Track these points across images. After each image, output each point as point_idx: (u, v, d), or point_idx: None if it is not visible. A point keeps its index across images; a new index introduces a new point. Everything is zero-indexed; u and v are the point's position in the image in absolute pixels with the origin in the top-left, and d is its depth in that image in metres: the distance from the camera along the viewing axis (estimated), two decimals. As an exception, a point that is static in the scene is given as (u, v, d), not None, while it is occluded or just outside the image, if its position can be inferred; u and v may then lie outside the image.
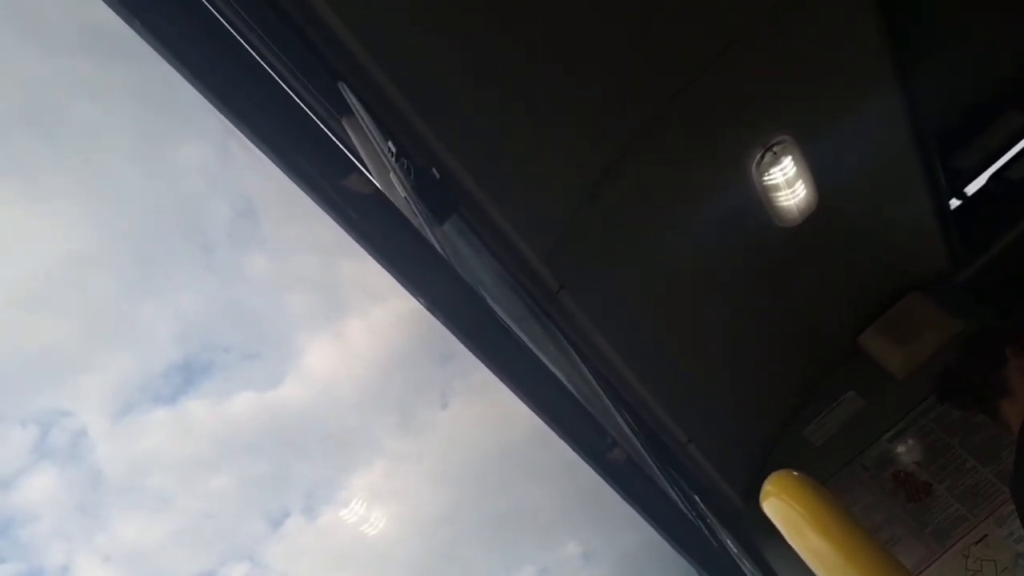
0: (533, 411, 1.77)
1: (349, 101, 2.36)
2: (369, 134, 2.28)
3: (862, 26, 3.47)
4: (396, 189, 2.29)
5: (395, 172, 2.22)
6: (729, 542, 3.63)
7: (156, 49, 1.21)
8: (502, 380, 1.74)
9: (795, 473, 1.63)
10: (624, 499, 2.06)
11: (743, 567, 3.12)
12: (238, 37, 1.91)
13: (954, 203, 5.15)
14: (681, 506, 2.71)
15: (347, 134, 2.54)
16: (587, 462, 1.90)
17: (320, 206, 1.38)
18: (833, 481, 4.48)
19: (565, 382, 2.04)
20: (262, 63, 1.80)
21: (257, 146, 1.26)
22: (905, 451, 4.46)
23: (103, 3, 1.17)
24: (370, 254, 1.47)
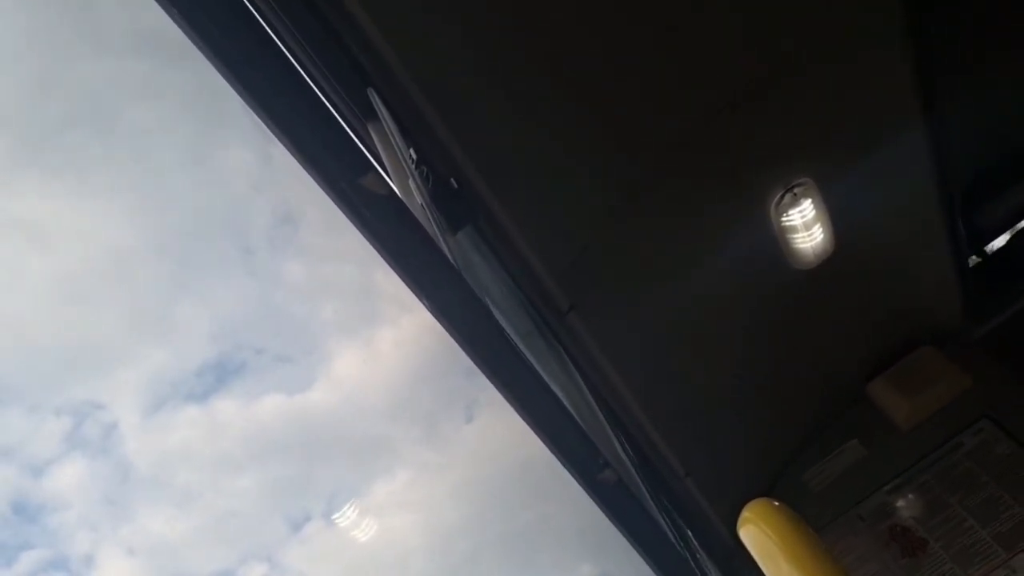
0: (526, 422, 1.78)
1: (376, 106, 2.40)
2: (392, 139, 2.32)
3: (890, 73, 3.48)
4: (414, 196, 2.32)
5: (414, 178, 2.25)
6: (717, 578, 3.61)
7: (193, 41, 1.25)
8: (498, 388, 1.76)
9: (775, 503, 1.64)
10: (610, 521, 2.06)
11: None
12: (273, 36, 1.96)
13: (974, 259, 5.12)
14: (671, 537, 2.70)
15: (371, 138, 2.58)
16: (576, 479, 1.91)
17: (334, 201, 1.41)
18: (829, 529, 4.45)
19: (563, 399, 2.06)
20: (291, 59, 1.84)
21: (277, 136, 1.30)
22: (904, 505, 4.42)
23: (155, 4, 1.22)
24: (379, 253, 1.50)
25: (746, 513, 1.63)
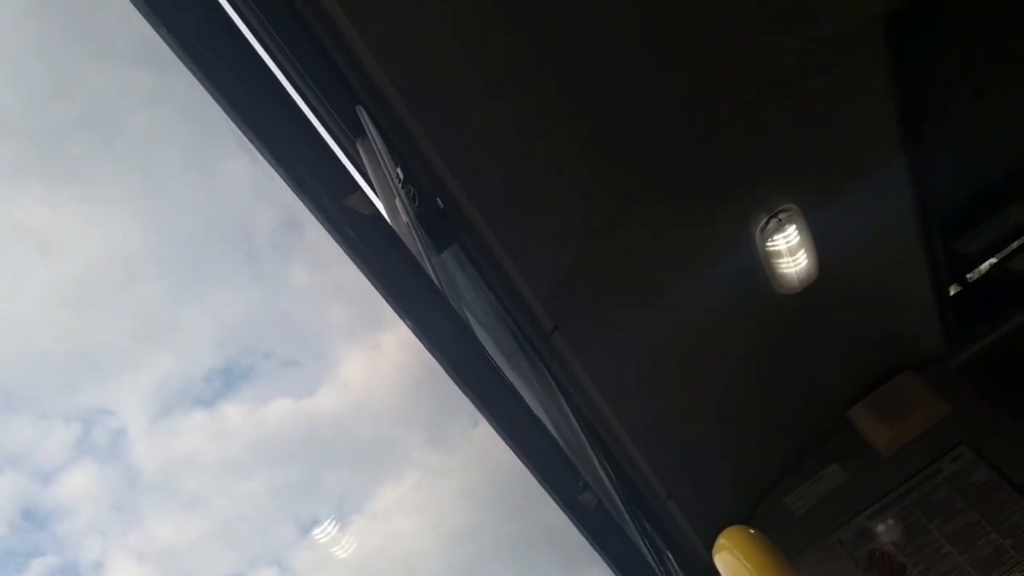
0: (505, 442, 1.78)
1: (364, 123, 2.41)
2: (380, 158, 2.33)
3: (873, 101, 3.54)
4: (400, 215, 2.33)
5: (400, 197, 2.26)
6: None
7: (178, 55, 1.26)
8: (477, 408, 1.76)
9: (750, 530, 1.64)
10: (590, 544, 2.06)
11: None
12: (261, 52, 1.97)
13: (955, 287, 5.17)
14: (650, 560, 2.70)
15: (359, 156, 2.59)
16: (555, 501, 1.91)
17: (319, 220, 1.42)
18: (808, 553, 4.45)
19: (544, 419, 2.06)
20: (279, 76, 1.85)
21: (262, 154, 1.30)
22: (883, 530, 4.44)
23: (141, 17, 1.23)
24: (362, 272, 1.50)
25: (722, 539, 1.64)
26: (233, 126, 1.27)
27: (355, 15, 2.26)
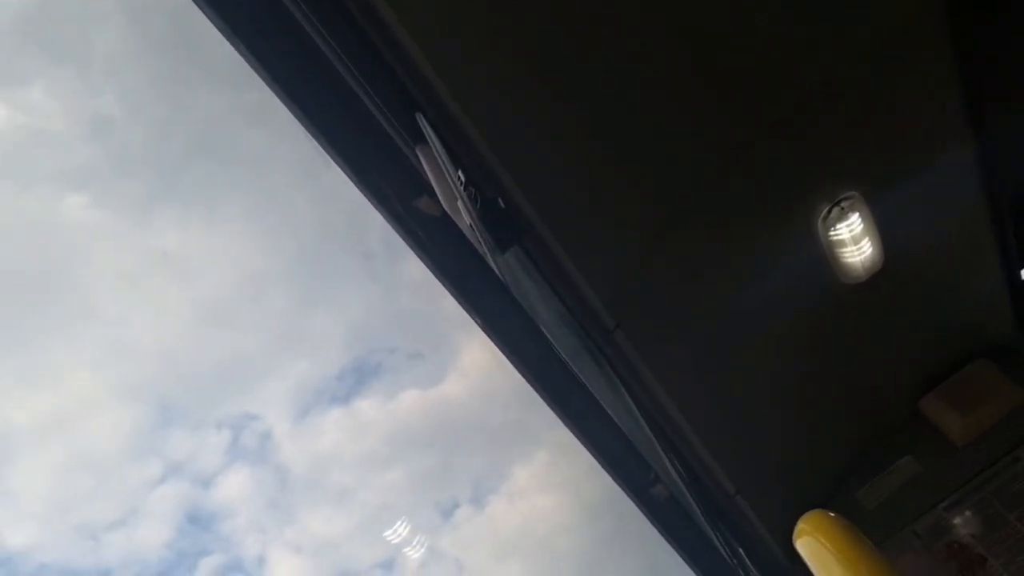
0: (576, 436, 1.81)
1: (424, 130, 2.46)
2: (441, 162, 2.38)
3: (939, 87, 3.47)
4: (463, 217, 2.37)
5: (463, 200, 2.30)
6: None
7: (257, 72, 1.32)
8: (547, 404, 1.79)
9: (831, 514, 1.63)
10: (663, 536, 2.07)
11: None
12: (333, 62, 2.03)
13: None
14: (723, 552, 2.70)
15: (420, 161, 2.64)
16: (628, 494, 1.93)
17: (390, 223, 1.46)
18: (884, 547, 4.34)
19: (612, 416, 2.08)
20: (349, 87, 1.90)
21: (337, 163, 1.35)
22: (961, 522, 4.34)
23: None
24: (432, 272, 1.54)
25: (802, 524, 1.63)
26: (308, 136, 1.32)
27: (410, 25, 2.32)
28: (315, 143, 1.37)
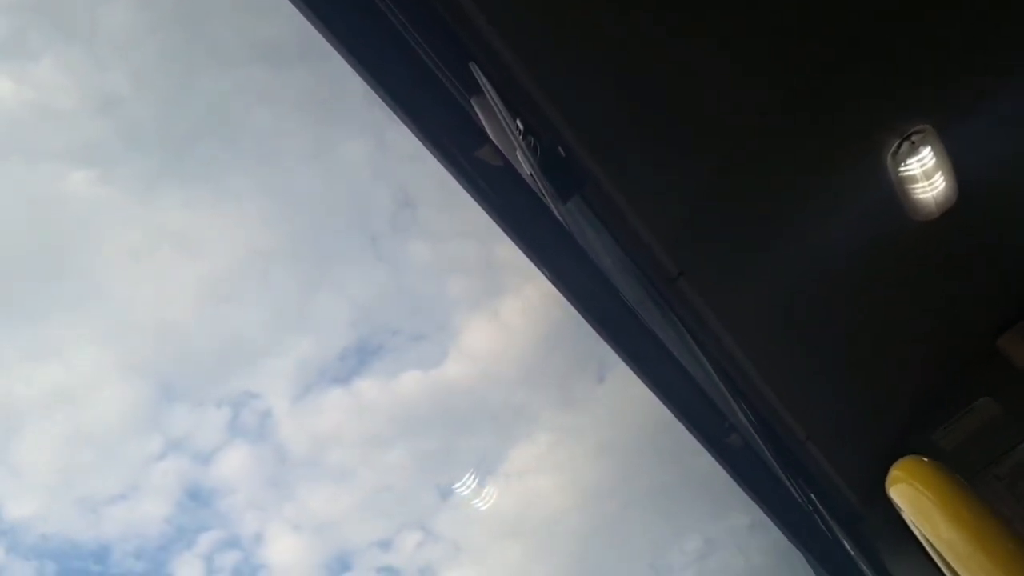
0: (648, 387, 1.77)
1: (479, 80, 2.41)
2: (498, 112, 2.33)
3: (1016, 11, 3.27)
4: (523, 167, 2.33)
5: (522, 150, 2.25)
6: (846, 542, 3.53)
7: (318, 29, 1.28)
8: (618, 354, 1.76)
9: (924, 459, 1.58)
10: (739, 484, 2.04)
11: (860, 567, 3.03)
12: (386, 14, 1.99)
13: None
14: (798, 499, 2.66)
15: (475, 112, 2.60)
16: (703, 444, 1.89)
17: (452, 175, 1.43)
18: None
19: (684, 364, 2.03)
20: (403, 39, 1.86)
21: (398, 116, 1.32)
22: (1043, 462, 4.21)
23: (280, 11, 1.26)
24: (497, 223, 1.51)
25: (896, 471, 1.58)
26: (370, 91, 1.29)
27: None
28: (371, 105, 1.34)
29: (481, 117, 2.57)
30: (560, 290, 1.64)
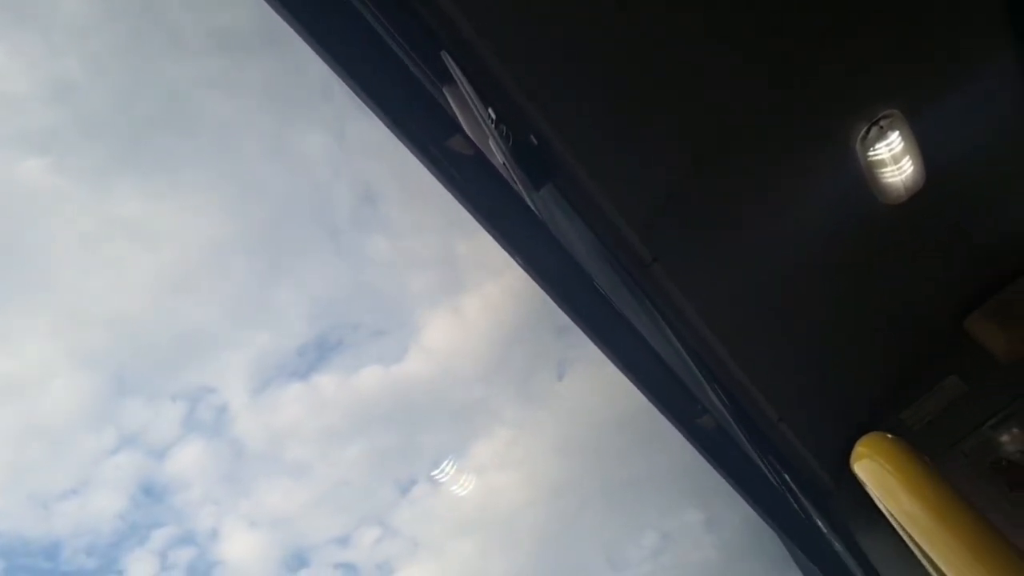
0: (621, 371, 1.80)
1: (450, 68, 2.42)
2: (469, 100, 2.34)
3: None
4: (495, 155, 2.34)
5: (494, 138, 2.27)
6: (818, 520, 3.59)
7: (283, 17, 1.29)
8: (592, 340, 1.79)
9: (889, 436, 1.62)
10: (711, 465, 2.08)
11: (832, 544, 3.09)
12: (355, 4, 1.99)
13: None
14: (770, 479, 2.71)
15: (447, 101, 2.61)
16: (675, 426, 1.92)
17: (424, 165, 1.44)
18: (930, 467, 4.35)
19: (656, 349, 2.07)
20: (374, 29, 1.86)
21: (367, 106, 1.33)
22: (1009, 439, 4.30)
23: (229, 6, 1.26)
24: (470, 212, 1.52)
25: (860, 447, 1.62)
26: (338, 80, 1.30)
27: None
28: (340, 87, 1.35)
29: (453, 106, 2.59)
30: (533, 278, 1.67)
